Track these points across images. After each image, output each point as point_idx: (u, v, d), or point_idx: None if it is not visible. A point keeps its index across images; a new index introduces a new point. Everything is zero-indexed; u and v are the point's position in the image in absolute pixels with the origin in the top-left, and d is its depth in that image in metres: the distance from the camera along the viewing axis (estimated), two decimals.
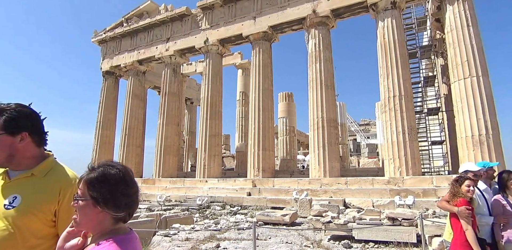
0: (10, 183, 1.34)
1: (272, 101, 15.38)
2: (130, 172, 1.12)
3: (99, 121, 20.59)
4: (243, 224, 8.93)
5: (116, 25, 21.14)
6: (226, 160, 25.70)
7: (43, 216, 1.29)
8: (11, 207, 1.26)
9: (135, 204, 1.11)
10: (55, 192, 1.32)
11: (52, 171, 1.39)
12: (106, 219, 1.07)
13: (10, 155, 1.32)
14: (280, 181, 13.13)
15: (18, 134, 1.32)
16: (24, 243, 1.25)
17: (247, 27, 15.82)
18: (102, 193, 1.04)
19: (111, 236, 1.05)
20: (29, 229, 1.26)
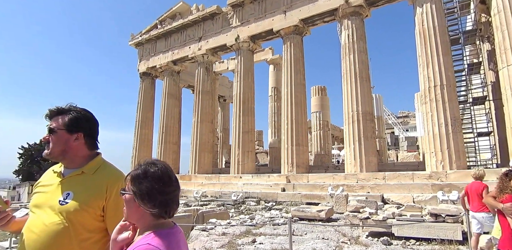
0: (64, 180, 1.44)
1: (304, 95, 15.17)
2: (169, 171, 1.15)
3: (138, 121, 21.51)
4: (278, 220, 8.93)
5: (151, 27, 21.88)
6: (259, 156, 25.81)
7: (92, 211, 1.37)
8: (65, 203, 1.36)
9: (172, 202, 1.13)
10: (103, 188, 1.41)
11: (100, 169, 1.48)
12: (146, 214, 1.11)
13: (64, 150, 1.44)
14: (315, 177, 12.95)
15: (75, 133, 1.45)
16: (77, 237, 1.34)
17: (278, 21, 15.67)
18: (140, 189, 1.09)
19: (154, 230, 1.09)
20: (80, 223, 1.35)
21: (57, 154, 1.45)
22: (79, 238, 1.35)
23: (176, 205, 1.15)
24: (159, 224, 1.12)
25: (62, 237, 1.32)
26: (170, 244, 1.06)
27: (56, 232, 1.32)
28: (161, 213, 1.11)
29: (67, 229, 1.33)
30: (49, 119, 1.47)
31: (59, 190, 1.41)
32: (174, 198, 1.14)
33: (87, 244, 1.37)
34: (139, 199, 1.09)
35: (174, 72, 21.05)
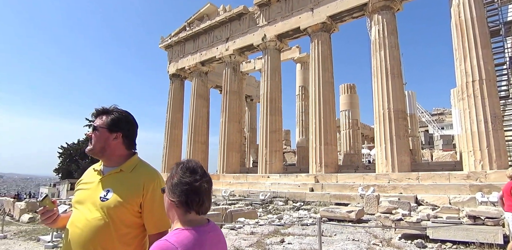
0: (104, 178, 1.52)
1: (333, 94, 14.88)
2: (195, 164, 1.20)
3: (168, 121, 22.11)
4: (307, 220, 8.84)
5: (180, 30, 22.41)
6: (287, 156, 25.66)
7: (130, 207, 1.43)
8: (105, 199, 1.44)
9: (193, 193, 1.14)
10: (140, 186, 1.47)
11: (137, 167, 1.55)
12: (172, 206, 1.15)
13: (103, 147, 1.53)
14: (344, 177, 12.67)
15: (114, 132, 1.54)
16: (116, 232, 1.41)
17: (305, 19, 15.49)
18: (169, 181, 1.17)
19: (181, 227, 1.12)
20: (120, 219, 1.42)
21: (97, 150, 1.54)
22: (118, 233, 1.41)
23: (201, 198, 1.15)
24: (188, 220, 1.14)
25: (103, 232, 1.39)
26: (189, 243, 1.05)
27: (97, 227, 1.39)
28: (182, 204, 1.13)
29: (108, 224, 1.40)
30: (94, 118, 1.58)
31: (99, 187, 1.49)
32: (197, 190, 1.14)
33: (126, 239, 1.43)
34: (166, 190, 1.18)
35: (202, 73, 21.42)
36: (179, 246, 1.02)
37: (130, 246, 1.44)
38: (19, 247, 7.23)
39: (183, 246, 1.03)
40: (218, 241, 1.17)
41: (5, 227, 9.62)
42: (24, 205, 12.96)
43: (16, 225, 10.66)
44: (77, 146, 32.81)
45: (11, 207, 13.75)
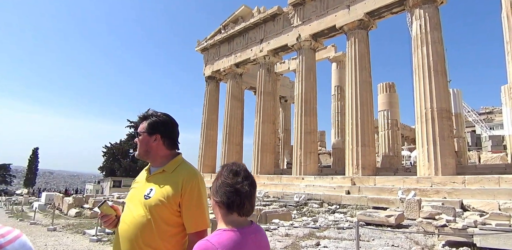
0: (150, 177, 1.63)
1: (370, 93, 14.38)
2: (239, 167, 1.24)
3: (204, 122, 22.62)
4: (343, 223, 8.62)
5: (215, 33, 22.86)
6: (322, 157, 25.20)
7: (170, 206, 1.49)
8: (148, 197, 1.52)
9: (234, 195, 1.17)
10: (179, 185, 1.53)
11: (178, 167, 1.63)
12: (216, 207, 1.21)
13: (146, 150, 1.65)
14: (383, 179, 12.18)
15: (153, 135, 1.64)
16: (157, 229, 1.47)
17: (341, 17, 15.14)
18: (213, 183, 1.24)
19: (223, 227, 1.15)
20: (160, 217, 1.48)
21: (142, 154, 1.66)
22: (159, 230, 1.47)
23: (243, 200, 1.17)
24: (231, 221, 1.17)
25: (146, 228, 1.47)
26: (230, 244, 1.06)
27: (141, 223, 1.48)
28: (224, 205, 1.17)
29: (150, 221, 1.47)
30: (138, 125, 1.72)
31: (145, 186, 1.60)
32: (238, 191, 1.17)
33: (166, 236, 1.49)
34: (211, 190, 1.22)
35: (237, 74, 21.67)
36: (220, 247, 1.04)
37: (170, 244, 1.49)
38: (67, 239, 7.72)
39: (223, 247, 1.04)
40: (260, 243, 1.18)
41: (55, 220, 10.36)
42: (71, 200, 13.87)
43: (65, 219, 11.43)
44: (119, 145, 34.55)
45: (60, 202, 14.78)
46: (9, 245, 0.56)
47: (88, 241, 7.45)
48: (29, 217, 11.82)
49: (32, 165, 47.91)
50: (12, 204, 19.56)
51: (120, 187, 25.78)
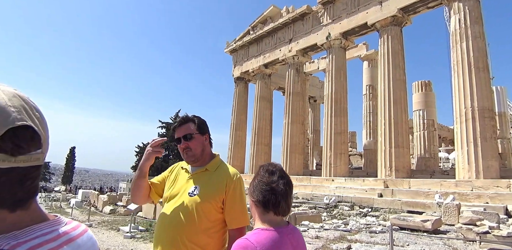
0: (192, 176, 1.69)
1: (405, 92, 13.79)
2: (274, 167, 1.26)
3: (232, 123, 22.80)
4: (375, 227, 8.34)
5: (244, 34, 23.01)
6: (352, 158, 24.55)
7: (214, 203, 1.58)
8: (193, 195, 1.60)
9: (268, 193, 1.19)
10: (223, 184, 1.62)
11: (220, 167, 1.72)
12: (253, 206, 1.23)
13: (203, 150, 1.71)
14: (418, 182, 11.62)
15: (204, 134, 1.72)
16: (201, 225, 1.54)
17: (373, 14, 14.67)
18: (250, 182, 1.27)
19: (261, 227, 1.17)
20: (204, 214, 1.56)
21: (199, 155, 1.69)
22: (202, 226, 1.54)
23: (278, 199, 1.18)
24: (267, 220, 1.19)
25: (190, 224, 1.54)
26: (268, 243, 1.08)
27: (186, 220, 1.54)
28: (260, 203, 1.19)
29: (194, 218, 1.54)
30: (176, 128, 1.72)
31: (188, 184, 1.66)
32: (273, 190, 1.19)
33: (209, 232, 1.56)
34: (249, 189, 1.25)
35: (265, 75, 21.67)
36: (258, 246, 1.06)
37: (212, 239, 1.56)
38: (102, 235, 8.03)
39: (262, 245, 1.06)
40: (297, 244, 1.20)
41: (91, 217, 10.84)
42: (106, 198, 14.46)
43: (100, 215, 11.93)
44: None
45: (96, 199, 15.46)
46: (79, 238, 0.59)
47: (122, 238, 7.70)
48: (67, 213, 12.45)
49: (70, 163, 50.61)
50: (51, 200, 20.73)
51: None
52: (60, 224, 0.59)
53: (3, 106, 0.50)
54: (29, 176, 0.53)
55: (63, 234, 0.57)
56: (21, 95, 0.54)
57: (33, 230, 0.52)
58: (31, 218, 0.54)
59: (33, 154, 0.52)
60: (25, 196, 0.53)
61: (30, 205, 0.55)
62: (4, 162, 0.49)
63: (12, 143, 0.49)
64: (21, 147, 0.50)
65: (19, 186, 0.52)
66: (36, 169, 0.54)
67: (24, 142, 0.51)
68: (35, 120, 0.53)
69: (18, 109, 0.51)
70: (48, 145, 0.57)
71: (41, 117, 0.55)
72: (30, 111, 0.53)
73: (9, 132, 0.49)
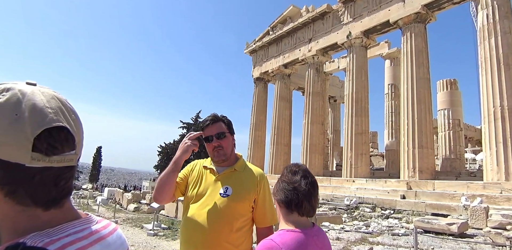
0: (219, 176, 1.68)
1: (429, 91, 13.37)
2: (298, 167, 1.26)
3: (252, 123, 22.88)
4: (398, 230, 8.17)
5: (264, 34, 23.03)
6: (374, 159, 24.07)
7: (248, 203, 1.62)
8: (225, 195, 1.60)
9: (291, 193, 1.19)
10: (254, 184, 1.66)
11: (247, 167, 1.75)
12: (278, 206, 1.23)
13: (232, 149, 1.74)
14: (443, 184, 11.26)
15: (233, 135, 1.76)
16: (235, 225, 1.57)
17: (395, 11, 14.33)
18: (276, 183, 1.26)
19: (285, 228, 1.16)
20: (238, 213, 1.59)
21: (229, 155, 1.71)
22: (237, 226, 1.57)
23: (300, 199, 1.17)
24: (292, 221, 1.17)
25: (225, 224, 1.55)
26: (293, 244, 1.07)
27: (220, 220, 1.56)
28: (284, 203, 1.18)
29: (228, 217, 1.56)
30: (208, 126, 1.70)
31: (217, 184, 1.65)
32: (296, 190, 1.18)
33: (242, 231, 1.60)
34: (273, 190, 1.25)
35: (285, 75, 21.61)
36: (283, 247, 1.05)
37: (245, 237, 1.61)
38: (127, 232, 8.27)
39: (287, 247, 1.06)
40: (322, 246, 1.18)
41: (116, 214, 11.19)
42: (130, 196, 14.88)
43: (124, 213, 12.29)
44: (173, 145, 36.30)
45: (121, 197, 15.93)
46: (109, 237, 0.60)
47: (145, 235, 7.92)
48: (94, 210, 12.90)
49: (96, 162, 52.40)
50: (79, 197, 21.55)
51: None
52: (91, 222, 0.60)
53: (41, 107, 0.51)
54: (63, 176, 0.54)
55: (95, 232, 0.58)
56: (59, 98, 0.56)
57: (65, 228, 0.53)
58: (64, 216, 0.56)
59: (67, 154, 0.53)
60: (59, 195, 0.54)
61: (63, 204, 0.56)
62: (39, 161, 0.50)
63: (47, 143, 0.50)
64: (55, 147, 0.51)
65: (53, 185, 0.53)
66: (69, 169, 0.55)
67: (59, 143, 0.52)
68: (71, 122, 0.54)
69: (55, 110, 0.53)
70: (82, 146, 0.58)
71: (76, 120, 0.57)
72: (67, 113, 0.55)
73: (45, 132, 0.50)
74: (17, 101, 0.50)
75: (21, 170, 0.49)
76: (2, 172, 0.50)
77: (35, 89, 0.54)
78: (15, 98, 0.51)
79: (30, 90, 0.53)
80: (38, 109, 0.51)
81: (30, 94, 0.52)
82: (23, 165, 0.49)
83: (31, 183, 0.50)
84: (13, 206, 0.51)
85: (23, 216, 0.52)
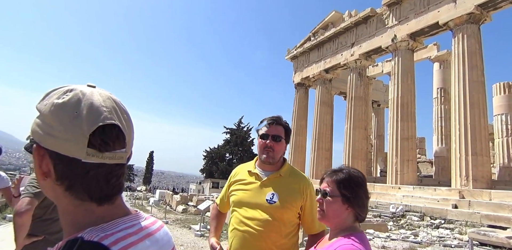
0: (265, 181, 1.67)
1: (484, 95, 12.57)
2: (364, 178, 1.25)
3: (293, 128, 22.88)
4: (450, 241, 7.80)
5: (305, 40, 23.09)
6: (421, 166, 22.92)
7: (295, 210, 1.62)
8: (272, 202, 1.60)
9: (365, 205, 1.21)
10: (301, 190, 1.65)
11: (292, 172, 1.73)
12: (349, 216, 1.18)
13: (281, 156, 1.73)
14: (501, 194, 10.50)
15: (287, 142, 1.75)
16: (284, 230, 1.59)
17: (445, 12, 13.72)
18: (352, 192, 1.17)
19: (352, 232, 1.15)
20: (287, 219, 1.60)
21: (277, 159, 1.70)
22: (285, 232, 1.59)
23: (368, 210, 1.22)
24: (355, 227, 1.19)
25: (272, 230, 1.56)
26: (366, 247, 1.10)
27: (269, 227, 1.56)
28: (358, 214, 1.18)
29: (276, 224, 1.57)
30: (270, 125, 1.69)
31: (263, 190, 1.65)
32: (367, 202, 1.21)
33: (290, 236, 1.62)
34: (353, 201, 1.16)
35: (326, 80, 21.46)
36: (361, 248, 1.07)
37: (292, 242, 1.63)
38: (176, 232, 8.73)
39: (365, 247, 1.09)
40: None
41: (167, 215, 11.81)
42: (179, 198, 15.61)
43: (174, 214, 12.92)
44: (217, 150, 37.28)
45: (170, 199, 16.74)
46: (157, 233, 0.63)
47: (193, 236, 8.26)
48: (147, 211, 13.68)
49: (149, 166, 55.68)
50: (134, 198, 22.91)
51: (217, 187, 27.84)
52: (140, 218, 0.62)
53: (97, 106, 0.55)
54: (114, 173, 0.56)
55: (144, 228, 0.60)
56: (114, 99, 0.59)
57: (118, 224, 0.56)
58: (116, 212, 0.58)
59: (117, 152, 0.56)
60: (111, 192, 0.57)
61: (115, 200, 0.59)
62: (93, 157, 0.52)
63: (101, 139, 0.53)
64: (107, 144, 0.54)
65: (105, 182, 0.55)
66: (120, 167, 0.57)
67: (111, 139, 0.55)
68: (123, 122, 0.57)
69: (109, 109, 0.56)
70: (132, 146, 0.61)
71: (128, 120, 0.60)
72: (120, 113, 0.58)
73: (99, 129, 0.53)
74: (78, 100, 0.54)
75: (78, 165, 0.52)
76: (61, 167, 0.53)
77: (94, 91, 0.58)
78: (76, 97, 0.55)
79: (89, 91, 0.57)
80: (95, 107, 0.54)
81: (89, 94, 0.56)
82: (80, 160, 0.52)
83: (86, 178, 0.53)
84: (72, 201, 0.55)
85: (81, 210, 0.55)
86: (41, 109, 0.55)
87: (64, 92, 0.56)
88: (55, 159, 0.53)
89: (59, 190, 0.55)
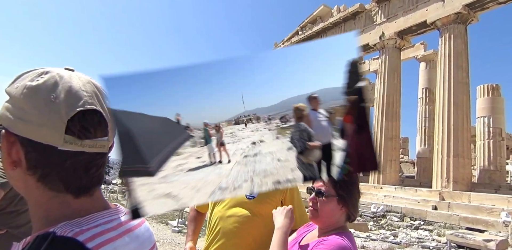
0: None
1: (468, 97, 12.61)
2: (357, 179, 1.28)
3: None
4: (429, 242, 7.79)
5: (292, 34, 22.80)
6: (404, 166, 23.11)
7: (274, 204, 1.60)
8: (251, 197, 1.61)
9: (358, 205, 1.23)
10: None
11: None
12: (342, 216, 1.19)
13: None
14: (480, 197, 10.52)
15: None
16: (264, 225, 1.57)
17: (433, 11, 13.62)
18: (348, 192, 1.16)
19: (342, 231, 1.15)
20: (265, 214, 1.56)
21: None
22: (265, 228, 1.55)
23: None
24: (344, 226, 1.20)
25: (252, 227, 1.57)
26: (354, 247, 1.12)
27: (247, 222, 1.57)
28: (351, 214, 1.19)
29: (256, 219, 1.57)
30: None
31: None
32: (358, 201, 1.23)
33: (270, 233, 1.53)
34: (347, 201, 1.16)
35: None
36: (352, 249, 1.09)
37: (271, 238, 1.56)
38: (152, 228, 8.28)
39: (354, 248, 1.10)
40: None
41: None
42: None
43: None
44: None
45: None
46: (137, 229, 0.60)
47: (170, 232, 8.02)
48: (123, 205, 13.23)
49: None
50: (109, 192, 22.32)
51: None
52: (120, 213, 0.59)
53: (76, 90, 0.51)
54: (94, 162, 0.53)
55: (123, 223, 0.57)
56: (95, 83, 0.55)
57: (95, 218, 0.52)
58: (93, 205, 0.55)
59: (99, 140, 0.52)
60: (90, 183, 0.54)
61: (93, 193, 0.55)
62: (71, 144, 0.49)
63: (80, 125, 0.49)
64: (88, 130, 0.50)
65: (84, 172, 0.52)
66: (101, 156, 0.54)
67: (91, 126, 0.51)
68: (105, 108, 0.53)
69: (90, 94, 0.52)
70: (115, 134, 0.57)
71: None
72: (102, 98, 0.54)
73: (79, 114, 0.49)
74: (54, 83, 0.50)
75: (54, 152, 0.49)
76: (34, 155, 0.49)
77: (73, 74, 0.54)
78: (52, 80, 0.51)
79: (67, 74, 0.53)
80: (74, 91, 0.51)
81: (67, 77, 0.52)
82: (56, 147, 0.48)
83: (63, 167, 0.50)
84: (45, 192, 0.51)
85: (55, 202, 0.51)
86: (12, 93, 0.51)
87: (39, 75, 0.52)
88: (27, 146, 0.50)
89: (30, 181, 0.51)
